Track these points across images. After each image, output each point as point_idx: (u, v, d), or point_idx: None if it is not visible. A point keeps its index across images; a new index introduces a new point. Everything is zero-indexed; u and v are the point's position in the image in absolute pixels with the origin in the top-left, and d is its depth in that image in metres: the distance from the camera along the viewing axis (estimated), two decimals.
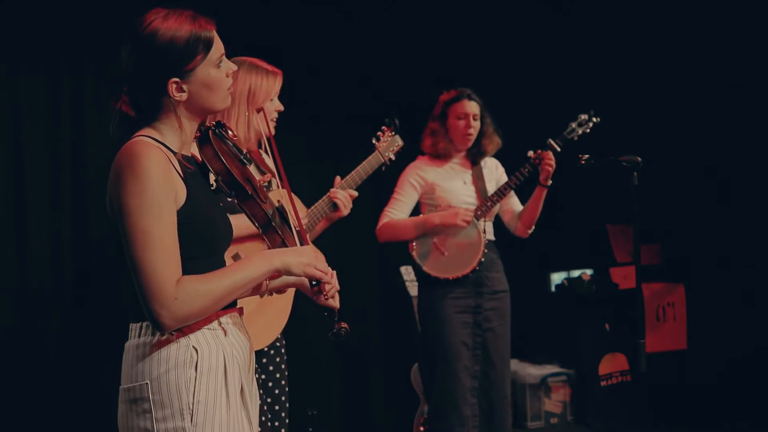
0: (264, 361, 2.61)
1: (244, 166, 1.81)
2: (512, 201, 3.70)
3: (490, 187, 3.59)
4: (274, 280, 1.86)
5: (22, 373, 3.51)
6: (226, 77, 1.74)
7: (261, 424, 2.46)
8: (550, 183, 3.49)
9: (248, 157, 1.82)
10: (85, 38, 3.75)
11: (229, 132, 1.83)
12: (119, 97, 1.72)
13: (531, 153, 3.47)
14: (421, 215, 3.58)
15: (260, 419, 2.49)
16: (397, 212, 3.56)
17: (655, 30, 4.70)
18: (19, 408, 3.49)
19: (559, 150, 3.48)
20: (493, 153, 3.64)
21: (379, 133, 3.06)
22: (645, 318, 4.48)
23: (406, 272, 4.42)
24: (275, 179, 2.56)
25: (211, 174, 1.79)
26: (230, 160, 1.78)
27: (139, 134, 1.68)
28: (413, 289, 4.28)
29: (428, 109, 3.65)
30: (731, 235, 4.70)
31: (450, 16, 4.77)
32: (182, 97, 1.69)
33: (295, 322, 2.71)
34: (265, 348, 2.61)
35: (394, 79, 4.65)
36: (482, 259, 3.46)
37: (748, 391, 4.59)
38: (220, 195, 1.80)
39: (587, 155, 2.91)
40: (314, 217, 2.77)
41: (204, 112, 1.76)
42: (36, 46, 3.62)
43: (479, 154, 3.60)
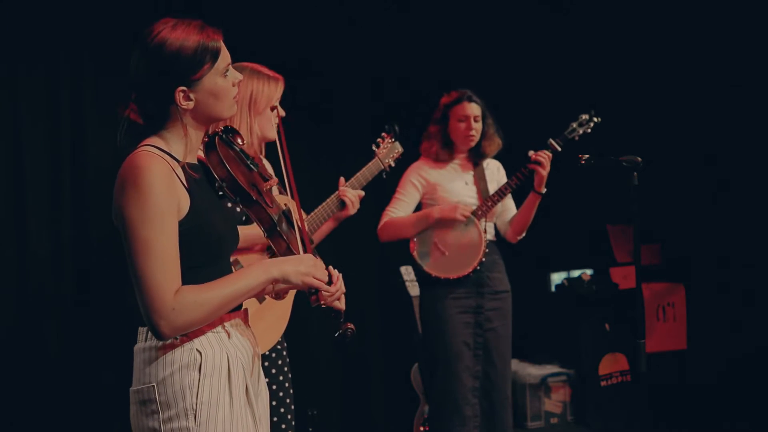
0: (266, 364, 2.61)
1: (251, 171, 1.82)
2: (508, 204, 3.69)
3: (492, 188, 3.58)
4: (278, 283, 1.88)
5: (22, 373, 3.51)
6: (233, 86, 1.77)
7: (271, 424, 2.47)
8: (544, 191, 3.47)
9: (255, 162, 1.84)
10: (85, 38, 3.74)
11: (238, 139, 1.85)
12: (127, 104, 1.74)
13: (531, 153, 3.47)
14: (421, 211, 3.58)
15: (272, 419, 2.49)
16: (398, 212, 3.56)
17: (655, 30, 4.71)
18: (19, 408, 3.49)
19: (560, 150, 3.48)
20: (495, 154, 3.63)
21: (379, 140, 3.06)
22: (645, 318, 4.48)
23: (406, 272, 4.42)
24: (277, 186, 2.57)
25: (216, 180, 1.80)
26: (235, 165, 1.79)
27: (144, 144, 1.70)
28: (413, 289, 4.28)
29: (429, 111, 3.65)
30: (731, 235, 4.70)
31: (450, 16, 4.77)
32: (189, 105, 1.72)
33: (295, 322, 2.71)
34: (267, 352, 2.62)
35: (394, 80, 4.64)
36: (483, 259, 3.46)
37: (748, 391, 4.60)
38: (226, 201, 1.81)
39: (587, 155, 2.91)
40: (320, 216, 2.77)
41: (210, 121, 1.78)
42: (36, 46, 3.62)
43: (480, 155, 3.60)
